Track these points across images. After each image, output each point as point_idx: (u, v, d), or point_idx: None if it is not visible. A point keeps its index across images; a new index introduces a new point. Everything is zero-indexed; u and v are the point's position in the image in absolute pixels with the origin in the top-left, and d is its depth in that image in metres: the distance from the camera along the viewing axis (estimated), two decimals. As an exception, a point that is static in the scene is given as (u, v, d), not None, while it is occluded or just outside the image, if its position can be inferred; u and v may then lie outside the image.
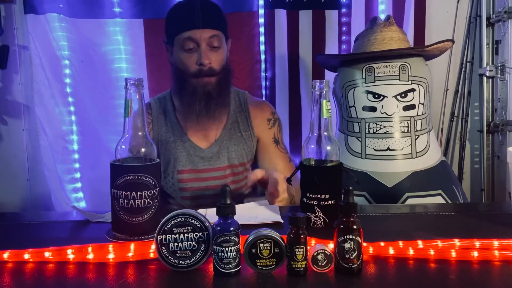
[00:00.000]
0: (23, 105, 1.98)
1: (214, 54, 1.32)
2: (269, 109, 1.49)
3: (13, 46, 1.92)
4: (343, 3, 2.00)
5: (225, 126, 1.41)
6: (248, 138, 1.42)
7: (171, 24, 1.36)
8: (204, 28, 1.30)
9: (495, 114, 2.04)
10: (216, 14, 1.36)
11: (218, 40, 1.32)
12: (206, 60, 1.30)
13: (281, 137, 1.47)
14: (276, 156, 1.44)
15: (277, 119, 1.48)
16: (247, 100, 1.46)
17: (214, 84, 1.33)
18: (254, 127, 1.43)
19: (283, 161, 1.44)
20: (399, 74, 1.47)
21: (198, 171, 1.38)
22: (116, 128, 1.89)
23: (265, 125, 1.45)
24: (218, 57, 1.33)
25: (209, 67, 1.31)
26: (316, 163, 0.90)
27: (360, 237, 0.70)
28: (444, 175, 1.49)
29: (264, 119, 1.45)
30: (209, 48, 1.32)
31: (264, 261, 0.71)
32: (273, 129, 1.45)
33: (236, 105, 1.44)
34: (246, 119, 1.43)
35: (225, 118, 1.41)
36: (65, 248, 0.78)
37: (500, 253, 0.77)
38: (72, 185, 1.98)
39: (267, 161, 1.43)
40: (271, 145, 1.44)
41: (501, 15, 1.93)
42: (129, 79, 0.88)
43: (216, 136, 1.40)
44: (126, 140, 0.90)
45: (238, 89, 1.49)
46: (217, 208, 0.72)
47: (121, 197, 0.85)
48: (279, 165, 1.41)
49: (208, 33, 1.30)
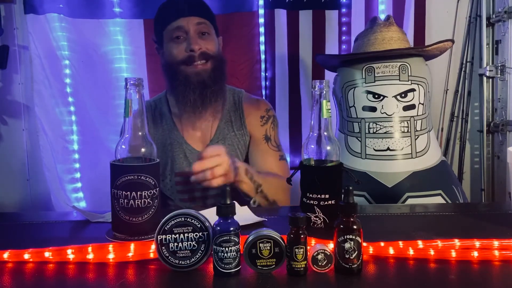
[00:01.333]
0: (23, 105, 1.98)
1: (204, 41, 1.33)
2: (264, 106, 1.48)
3: (13, 46, 1.92)
4: (343, 3, 2.00)
5: (219, 125, 1.41)
6: (241, 136, 1.42)
7: (159, 20, 1.38)
8: (190, 16, 1.32)
9: (495, 114, 2.04)
10: (202, 5, 1.39)
11: (206, 27, 1.34)
12: (196, 46, 1.30)
13: (275, 135, 1.46)
14: (266, 153, 1.42)
15: (271, 116, 1.47)
16: (242, 99, 1.46)
17: (208, 71, 1.33)
18: (247, 125, 1.43)
19: (273, 158, 1.42)
20: (399, 74, 1.47)
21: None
22: (116, 128, 1.89)
23: (257, 122, 1.44)
24: (209, 43, 1.34)
25: (201, 51, 1.31)
26: (316, 163, 0.90)
27: (360, 237, 0.70)
28: (444, 175, 1.49)
29: (257, 116, 1.45)
30: (198, 35, 1.33)
31: (264, 261, 0.71)
32: (266, 127, 1.44)
33: (230, 104, 1.44)
34: (239, 118, 1.43)
35: (220, 114, 1.41)
36: (65, 248, 0.78)
37: (500, 253, 0.77)
38: (72, 185, 1.98)
39: (256, 158, 1.42)
40: (261, 142, 1.43)
41: (501, 15, 1.93)
42: (129, 79, 0.88)
43: (210, 136, 1.40)
44: (126, 140, 0.90)
45: (234, 87, 1.49)
46: (217, 208, 0.72)
47: (121, 197, 0.85)
48: (268, 162, 1.40)
49: (195, 20, 1.32)
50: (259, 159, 1.41)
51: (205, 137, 1.40)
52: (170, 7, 1.37)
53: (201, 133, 1.40)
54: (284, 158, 1.46)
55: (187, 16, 1.32)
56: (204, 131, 1.40)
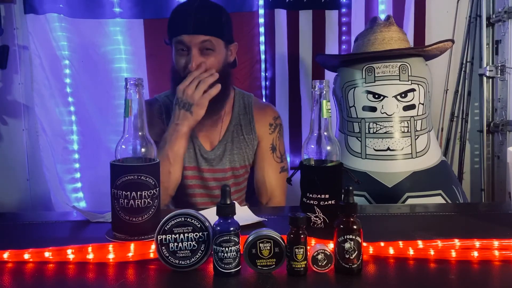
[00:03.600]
0: (23, 105, 1.98)
1: (207, 58, 1.29)
2: (272, 113, 1.47)
3: (13, 46, 1.92)
4: (343, 3, 2.00)
5: (228, 128, 1.40)
6: (250, 141, 1.41)
7: (170, 26, 1.35)
8: (194, 34, 1.27)
9: (495, 114, 2.04)
10: (212, 19, 1.31)
11: (211, 44, 1.29)
12: (194, 65, 1.27)
13: (280, 144, 1.45)
14: (269, 164, 1.42)
15: (279, 124, 1.46)
16: (252, 104, 1.44)
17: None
18: (256, 131, 1.42)
19: (274, 170, 1.42)
20: (399, 74, 1.47)
21: (201, 170, 1.38)
22: (116, 128, 1.89)
23: (266, 130, 1.43)
24: (212, 62, 1.30)
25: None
26: (316, 163, 0.90)
27: (360, 237, 0.70)
28: (444, 175, 1.49)
29: (266, 123, 1.44)
30: (201, 52, 1.29)
31: (264, 261, 0.71)
32: (273, 135, 1.44)
33: (240, 108, 1.43)
34: (249, 123, 1.42)
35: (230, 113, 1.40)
36: (65, 248, 0.78)
37: (500, 253, 0.77)
38: (72, 185, 1.98)
39: (258, 166, 1.42)
40: (267, 151, 1.42)
41: (501, 15, 1.93)
42: (129, 79, 0.88)
43: (219, 138, 1.39)
44: (126, 140, 0.90)
45: (244, 91, 1.48)
46: (217, 208, 0.72)
47: (121, 197, 0.85)
48: (269, 174, 1.41)
49: (198, 38, 1.27)
50: (261, 168, 1.42)
51: (214, 139, 1.39)
52: (179, 18, 1.32)
53: (210, 134, 1.39)
54: (285, 170, 1.45)
55: (191, 34, 1.27)
56: (213, 134, 1.39)
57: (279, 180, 1.41)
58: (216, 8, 1.35)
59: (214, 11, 1.33)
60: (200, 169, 1.38)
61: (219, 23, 1.32)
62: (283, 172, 1.44)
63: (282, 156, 1.46)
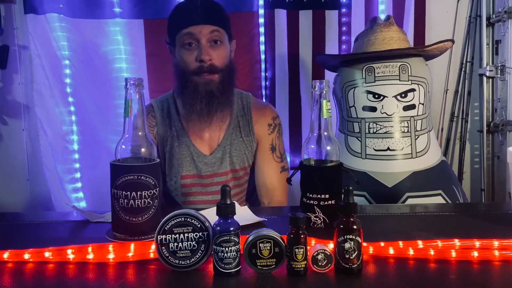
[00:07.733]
0: (23, 105, 1.98)
1: (216, 50, 1.30)
2: (271, 113, 1.46)
3: (13, 46, 1.92)
4: (343, 3, 2.00)
5: (227, 130, 1.39)
6: (249, 142, 1.41)
7: (172, 23, 1.35)
8: (204, 24, 1.28)
9: (495, 114, 2.04)
10: (217, 11, 1.34)
11: (219, 35, 1.30)
12: (207, 56, 1.27)
13: (279, 143, 1.45)
14: (269, 164, 1.42)
15: (278, 124, 1.46)
16: (250, 104, 1.43)
17: (216, 82, 1.30)
18: (255, 132, 1.42)
19: (274, 170, 1.42)
20: (399, 74, 1.47)
21: (202, 177, 1.37)
22: (116, 128, 1.89)
23: (265, 130, 1.43)
24: (220, 54, 1.31)
25: (210, 63, 1.29)
26: (316, 163, 0.90)
27: (360, 237, 0.70)
28: (444, 175, 1.49)
29: (265, 124, 1.43)
30: (210, 45, 1.29)
31: (264, 261, 0.71)
32: (272, 135, 1.43)
33: (238, 109, 1.42)
34: (248, 124, 1.41)
35: (228, 119, 1.39)
36: (65, 248, 0.78)
37: (500, 253, 0.77)
38: (72, 185, 1.98)
39: (259, 167, 1.42)
40: (267, 152, 1.42)
41: (501, 15, 1.93)
42: (129, 79, 0.88)
43: (218, 141, 1.39)
44: (126, 140, 0.90)
45: (242, 91, 1.47)
46: (217, 208, 0.72)
47: (121, 197, 0.85)
48: (269, 173, 1.41)
49: (208, 28, 1.28)
50: (261, 169, 1.42)
51: (213, 142, 1.39)
52: (184, 12, 1.32)
53: (208, 138, 1.39)
54: (286, 169, 1.45)
55: (201, 24, 1.28)
56: (212, 137, 1.39)
57: (280, 180, 1.41)
58: (217, 3, 1.38)
59: (217, 6, 1.37)
60: (201, 175, 1.37)
61: (223, 15, 1.35)
62: (283, 171, 1.44)
63: (282, 155, 1.45)
